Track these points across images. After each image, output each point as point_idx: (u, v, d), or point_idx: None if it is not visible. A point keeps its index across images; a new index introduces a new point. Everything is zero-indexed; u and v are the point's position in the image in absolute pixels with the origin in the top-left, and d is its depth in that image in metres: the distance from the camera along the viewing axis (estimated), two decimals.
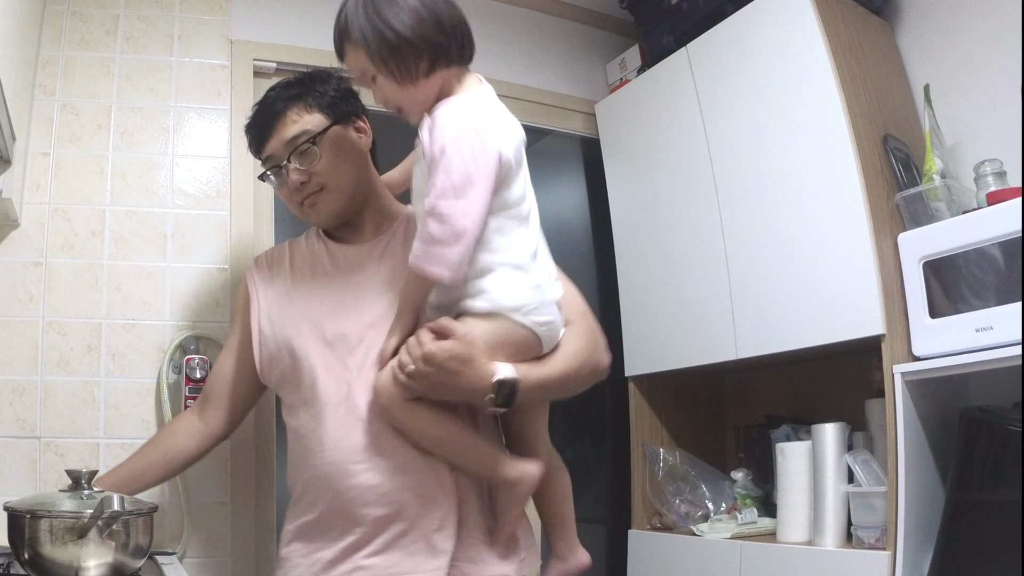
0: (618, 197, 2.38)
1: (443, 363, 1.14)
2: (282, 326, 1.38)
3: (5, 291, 1.76)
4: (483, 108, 1.20)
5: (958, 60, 1.92)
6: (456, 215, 1.12)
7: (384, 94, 1.23)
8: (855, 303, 1.71)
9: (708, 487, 2.15)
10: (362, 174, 1.43)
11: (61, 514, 1.17)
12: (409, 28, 1.16)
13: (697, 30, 2.13)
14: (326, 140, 1.38)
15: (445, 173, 1.13)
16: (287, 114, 1.39)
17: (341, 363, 1.30)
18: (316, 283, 1.41)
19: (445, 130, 1.15)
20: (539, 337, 1.21)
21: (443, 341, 1.15)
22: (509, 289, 1.18)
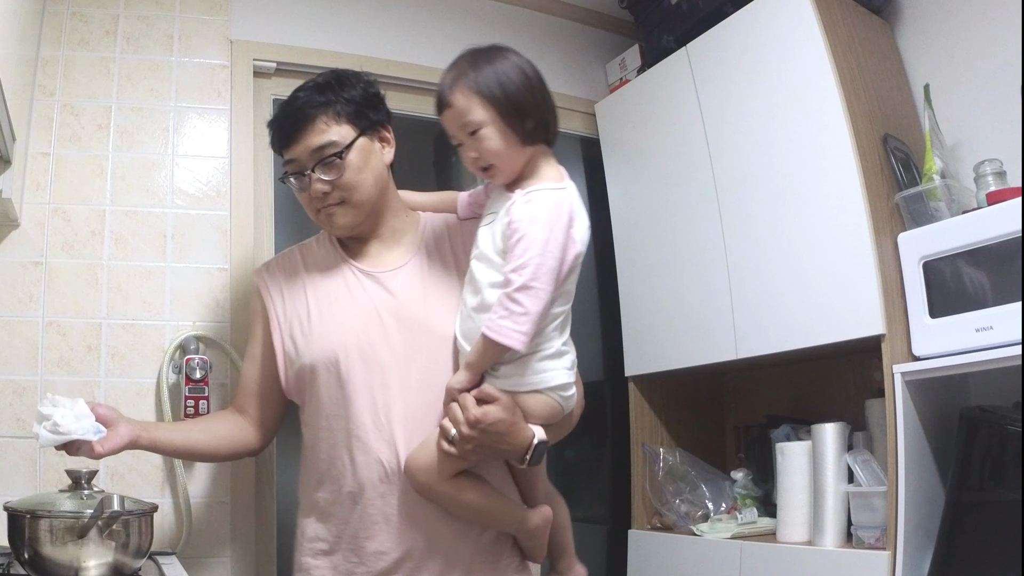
0: (618, 197, 2.38)
1: (488, 427, 1.23)
2: (309, 351, 1.39)
3: (5, 291, 1.76)
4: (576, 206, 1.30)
5: (958, 60, 1.92)
6: (543, 295, 1.22)
7: (484, 146, 1.28)
8: (855, 303, 1.71)
9: (708, 487, 2.15)
10: (383, 188, 1.45)
11: (61, 514, 1.17)
12: (528, 89, 1.29)
13: (697, 30, 2.13)
14: (352, 153, 1.39)
15: (541, 256, 1.21)
16: (316, 121, 1.38)
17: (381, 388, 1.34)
18: (347, 307, 1.41)
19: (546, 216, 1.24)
20: (564, 409, 1.33)
21: (488, 407, 1.23)
22: (551, 372, 1.29)
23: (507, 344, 1.21)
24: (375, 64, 2.21)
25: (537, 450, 1.27)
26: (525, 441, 1.26)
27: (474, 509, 1.31)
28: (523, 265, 1.21)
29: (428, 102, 2.22)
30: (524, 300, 1.20)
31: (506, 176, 1.32)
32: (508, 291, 1.21)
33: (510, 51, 1.32)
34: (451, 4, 2.38)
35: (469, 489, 1.29)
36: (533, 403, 1.28)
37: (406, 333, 1.36)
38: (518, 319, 1.20)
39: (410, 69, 2.24)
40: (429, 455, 1.27)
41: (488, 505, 1.31)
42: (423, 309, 1.39)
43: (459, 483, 1.28)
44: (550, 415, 1.31)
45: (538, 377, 1.28)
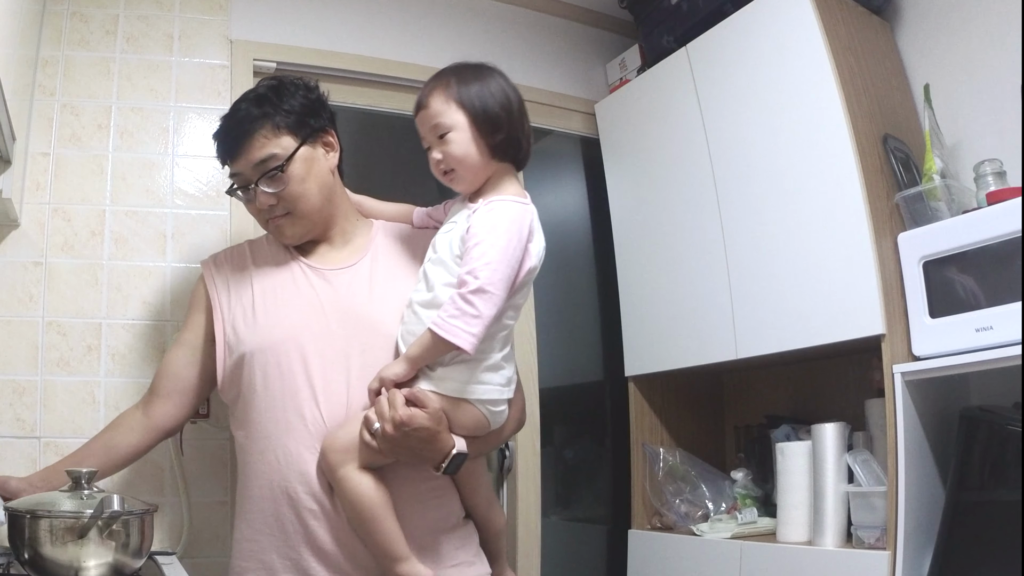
0: (618, 197, 2.38)
1: (411, 432, 1.21)
2: (251, 341, 1.38)
3: (5, 291, 1.76)
4: (535, 223, 1.33)
5: (958, 60, 1.92)
6: (496, 299, 1.22)
7: (449, 149, 1.30)
8: (855, 303, 1.71)
9: (708, 487, 2.15)
10: (328, 195, 1.46)
11: (61, 514, 1.17)
12: (505, 107, 1.32)
13: (697, 30, 2.13)
14: (294, 164, 1.40)
15: (499, 263, 1.23)
16: (256, 135, 1.40)
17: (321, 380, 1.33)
18: (291, 300, 1.41)
19: (506, 225, 1.26)
20: (491, 424, 1.33)
21: (416, 410, 1.22)
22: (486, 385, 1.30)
23: (455, 343, 1.21)
24: (375, 64, 2.22)
25: (454, 461, 1.26)
26: (444, 449, 1.26)
27: (361, 511, 1.25)
28: (479, 269, 1.21)
29: None
30: (478, 303, 1.21)
31: (467, 184, 1.34)
32: (462, 292, 1.21)
33: (497, 72, 1.36)
34: (451, 4, 2.38)
35: (368, 490, 1.25)
36: (461, 412, 1.28)
37: (349, 328, 1.36)
38: (470, 320, 1.21)
39: (410, 69, 2.24)
40: (347, 438, 1.26)
41: (375, 517, 1.25)
42: (368, 307, 1.39)
43: (363, 479, 1.25)
44: (475, 427, 1.31)
45: (472, 387, 1.28)
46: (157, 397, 1.49)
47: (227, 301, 1.45)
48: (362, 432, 1.25)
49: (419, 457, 1.27)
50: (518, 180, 1.38)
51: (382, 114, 2.26)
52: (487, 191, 1.33)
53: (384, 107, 2.25)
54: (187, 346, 1.50)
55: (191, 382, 1.49)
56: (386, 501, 1.26)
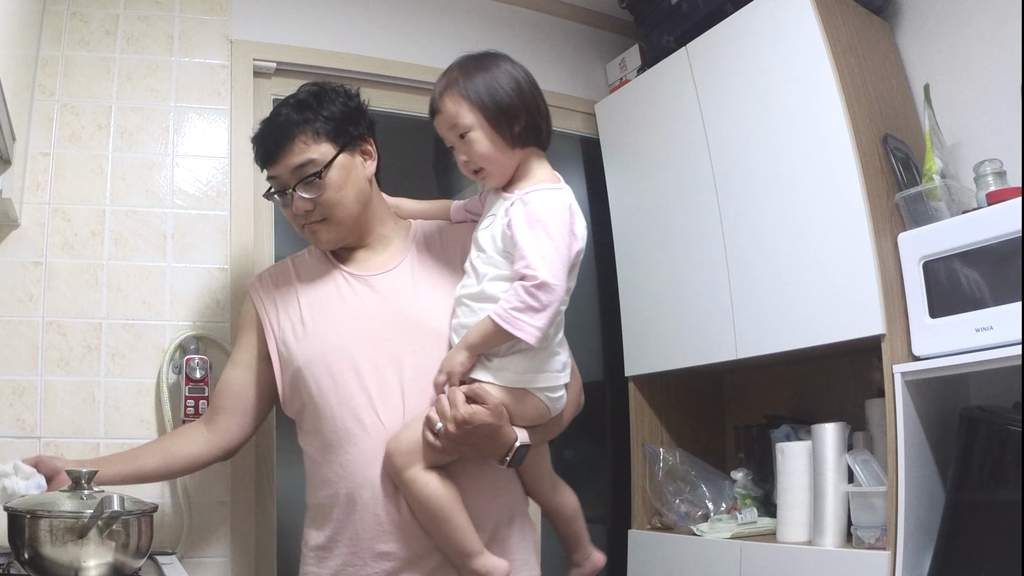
0: (618, 197, 2.38)
1: (474, 428, 1.22)
2: (303, 355, 1.39)
3: (5, 291, 1.76)
4: (574, 204, 1.31)
5: (958, 60, 1.92)
6: (559, 291, 1.22)
7: (473, 149, 1.30)
8: (855, 303, 1.71)
9: (708, 487, 2.15)
10: (365, 202, 1.46)
11: (61, 514, 1.17)
12: (517, 93, 1.30)
13: (697, 30, 2.13)
14: (332, 171, 1.40)
15: (555, 253, 1.23)
16: (295, 140, 1.40)
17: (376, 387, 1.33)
18: (337, 309, 1.42)
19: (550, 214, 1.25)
20: (551, 411, 1.33)
21: (477, 407, 1.23)
22: (543, 373, 1.30)
23: (522, 337, 1.21)
24: (375, 64, 2.22)
25: (518, 453, 1.27)
26: (508, 443, 1.26)
27: (432, 510, 1.26)
28: (536, 261, 1.21)
29: (428, 102, 2.24)
30: (543, 296, 1.21)
31: (497, 178, 1.34)
32: (526, 285, 1.21)
33: (502, 57, 1.35)
34: (451, 4, 2.38)
35: (437, 489, 1.26)
36: (522, 402, 1.28)
37: (397, 331, 1.36)
38: (536, 315, 1.21)
39: (410, 69, 2.24)
40: (410, 439, 1.27)
41: (446, 515, 1.26)
42: (414, 307, 1.39)
43: (430, 478, 1.26)
44: (536, 416, 1.31)
45: (531, 376, 1.28)
46: (219, 415, 1.50)
47: (276, 318, 1.46)
48: (425, 433, 1.25)
49: (483, 452, 1.27)
50: (546, 161, 1.37)
51: (382, 114, 2.25)
52: (519, 179, 1.33)
53: (385, 107, 2.25)
54: (242, 366, 1.50)
55: (250, 401, 1.49)
56: (455, 498, 1.26)
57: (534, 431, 1.31)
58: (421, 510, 1.27)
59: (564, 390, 1.35)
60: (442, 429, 1.23)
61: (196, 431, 1.51)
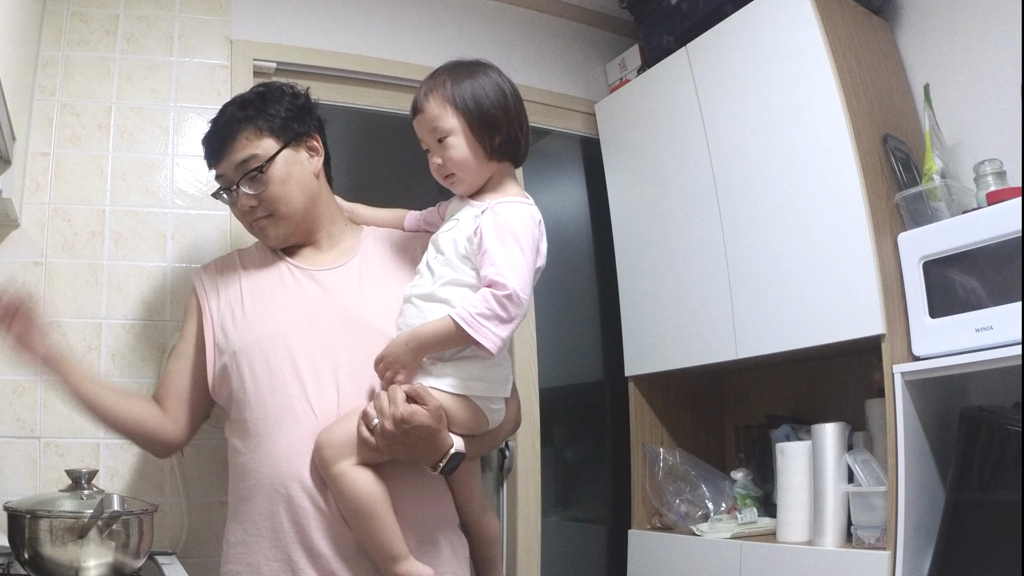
0: (618, 197, 2.38)
1: (411, 429, 1.20)
2: (239, 339, 1.38)
3: None
4: (541, 223, 1.32)
5: (958, 60, 1.92)
6: (525, 304, 1.22)
7: (450, 154, 1.30)
8: (855, 303, 1.71)
9: (708, 487, 2.15)
10: (311, 198, 1.47)
11: (61, 514, 1.18)
12: (502, 105, 1.31)
13: (697, 30, 2.13)
14: (275, 166, 1.41)
15: (524, 267, 1.23)
16: (239, 137, 1.41)
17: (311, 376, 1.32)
18: (278, 298, 1.42)
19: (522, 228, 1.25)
20: (489, 423, 1.32)
21: (416, 407, 1.21)
22: (487, 382, 1.29)
23: (483, 344, 1.20)
24: (375, 64, 2.22)
25: (452, 460, 1.25)
26: (443, 448, 1.24)
27: (358, 508, 1.22)
28: (508, 272, 1.20)
29: None
30: (511, 307, 1.20)
31: (467, 187, 1.33)
32: (497, 294, 1.20)
33: (492, 68, 1.35)
34: (451, 4, 2.38)
35: (366, 487, 1.23)
36: (461, 409, 1.27)
37: (338, 326, 1.36)
38: (501, 325, 1.20)
39: (409, 69, 2.24)
40: (343, 433, 1.24)
41: (373, 514, 1.22)
42: (358, 304, 1.39)
43: (360, 475, 1.23)
44: (474, 425, 1.30)
45: (473, 383, 1.27)
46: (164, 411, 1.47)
47: (216, 305, 1.45)
48: (360, 428, 1.23)
49: (417, 455, 1.25)
50: (516, 179, 1.38)
51: (382, 114, 2.26)
52: (488, 191, 1.33)
53: (384, 107, 2.25)
54: (182, 356, 1.49)
55: (187, 391, 1.47)
56: (385, 498, 1.23)
57: (470, 443, 1.29)
58: (348, 507, 1.24)
59: (504, 403, 1.34)
60: (378, 425, 1.21)
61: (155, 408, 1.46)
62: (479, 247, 1.24)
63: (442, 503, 1.37)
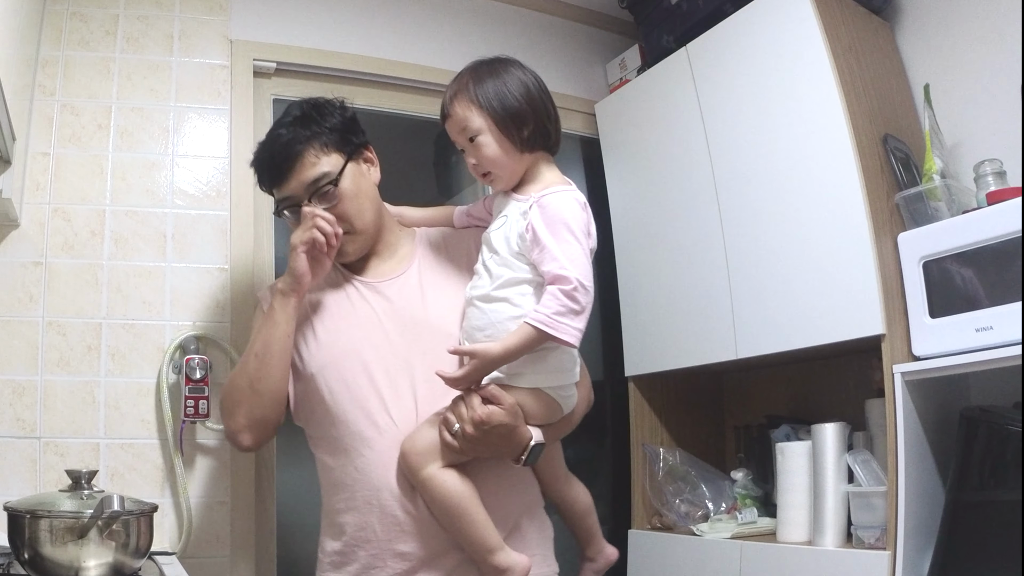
0: (618, 197, 2.38)
1: (491, 429, 1.24)
2: (315, 361, 1.39)
3: (5, 291, 1.76)
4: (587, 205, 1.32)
5: (958, 60, 1.92)
6: (592, 292, 1.24)
7: (482, 153, 1.32)
8: (855, 303, 1.71)
9: (708, 487, 2.15)
10: (378, 208, 1.48)
11: (61, 514, 1.17)
12: (526, 99, 1.32)
13: (697, 30, 2.13)
14: (344, 180, 1.41)
15: (584, 256, 1.25)
16: (305, 156, 1.40)
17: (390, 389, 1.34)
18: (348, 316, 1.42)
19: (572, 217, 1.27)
20: (563, 409, 1.35)
21: (493, 408, 1.24)
22: (557, 372, 1.31)
23: (565, 340, 1.22)
24: (375, 64, 2.22)
25: (533, 452, 1.29)
26: (523, 442, 1.28)
27: (450, 508, 1.27)
28: (569, 264, 1.22)
29: (428, 102, 2.24)
30: (581, 299, 1.22)
31: (505, 181, 1.35)
32: (565, 289, 1.21)
33: (513, 63, 1.37)
34: (451, 4, 2.38)
35: (455, 487, 1.27)
36: (535, 402, 1.30)
37: (408, 335, 1.38)
38: (577, 317, 1.23)
39: (410, 69, 2.24)
40: (426, 439, 1.28)
41: (465, 512, 1.27)
42: (423, 311, 1.40)
43: (448, 476, 1.27)
44: (549, 415, 1.33)
45: (544, 376, 1.30)
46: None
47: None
48: (442, 433, 1.27)
49: (499, 452, 1.29)
50: (555, 165, 1.39)
51: (382, 114, 2.26)
52: (528, 182, 1.35)
53: (384, 107, 2.25)
54: None
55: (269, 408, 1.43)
56: (473, 494, 1.27)
57: (547, 429, 1.33)
58: (439, 508, 1.28)
59: (575, 388, 1.37)
60: (459, 430, 1.25)
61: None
62: (533, 243, 1.26)
63: (526, 489, 1.41)
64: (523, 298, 1.27)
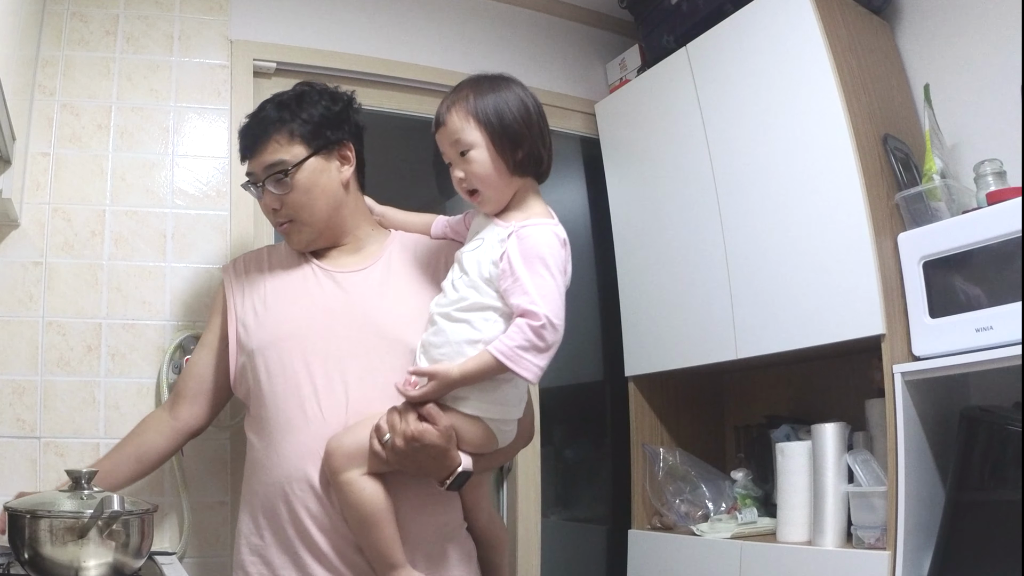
0: (618, 197, 2.38)
1: (422, 447, 1.21)
2: (258, 337, 1.41)
3: (5, 291, 1.76)
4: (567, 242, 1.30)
5: (958, 60, 1.92)
6: (560, 331, 1.22)
7: (472, 169, 1.28)
8: (855, 303, 1.71)
9: (708, 487, 2.15)
10: (335, 206, 1.47)
11: (61, 514, 1.17)
12: (525, 120, 1.29)
13: (697, 30, 2.13)
14: (301, 173, 1.43)
15: (557, 294, 1.23)
16: (270, 139, 1.43)
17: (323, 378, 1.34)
18: (299, 299, 1.43)
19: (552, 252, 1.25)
20: (498, 442, 1.32)
21: (427, 427, 1.22)
22: (501, 405, 1.29)
23: (523, 375, 1.20)
24: (375, 64, 2.22)
25: (458, 478, 1.26)
26: (451, 466, 1.26)
27: (363, 516, 1.25)
28: (539, 300, 1.20)
29: (428, 102, 2.24)
30: (548, 337, 1.21)
31: (492, 205, 1.32)
32: (533, 325, 1.19)
33: (515, 82, 1.34)
34: (451, 4, 2.37)
35: (372, 496, 1.25)
36: (472, 429, 1.27)
37: (354, 329, 1.37)
38: (540, 355, 1.21)
39: (410, 69, 2.24)
40: (353, 442, 1.26)
41: (377, 523, 1.25)
42: (377, 311, 1.40)
43: (367, 484, 1.25)
44: (482, 444, 1.30)
45: (489, 406, 1.27)
46: (182, 399, 1.54)
47: (240, 301, 1.48)
48: (372, 441, 1.25)
49: (425, 471, 1.27)
50: (540, 195, 1.36)
51: (382, 114, 2.26)
52: (513, 208, 1.32)
53: (384, 107, 2.25)
54: (207, 347, 1.54)
55: (211, 383, 1.53)
56: (389, 508, 1.26)
57: (479, 459, 1.30)
58: (353, 514, 1.26)
59: (515, 424, 1.34)
60: (390, 441, 1.23)
61: (161, 422, 1.54)
62: (507, 273, 1.23)
63: (448, 510, 1.38)
64: (485, 323, 1.24)
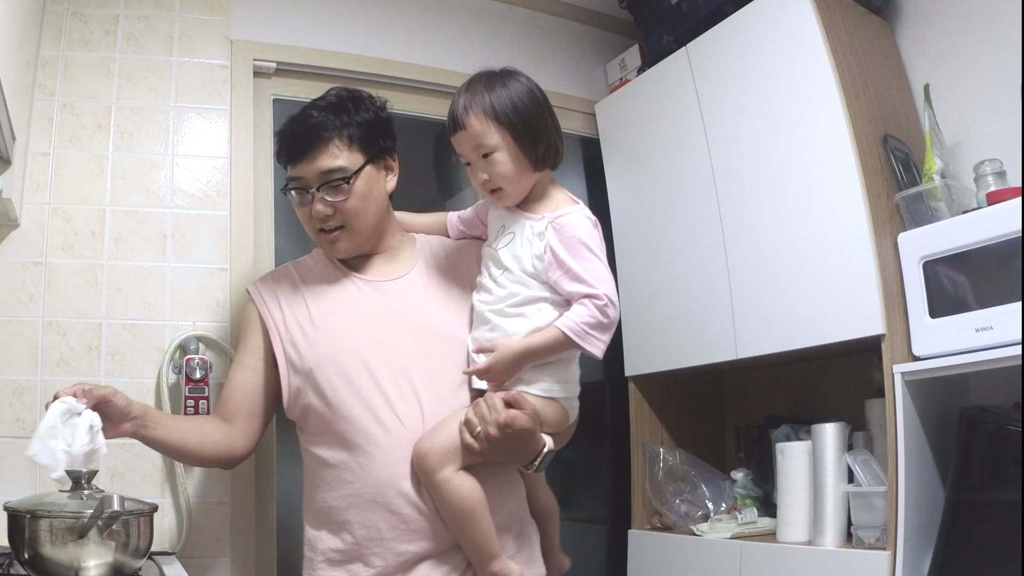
0: (618, 197, 2.38)
1: (513, 433, 1.26)
2: (314, 355, 1.38)
3: (5, 291, 1.76)
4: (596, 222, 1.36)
5: (958, 60, 1.92)
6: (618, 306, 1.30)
7: (496, 170, 1.31)
8: (855, 303, 1.71)
9: (708, 487, 2.15)
10: (383, 214, 1.47)
11: (61, 514, 1.17)
12: (540, 115, 1.33)
13: (697, 30, 2.13)
14: (359, 180, 1.40)
15: (607, 272, 1.31)
16: (328, 144, 1.39)
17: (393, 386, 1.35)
18: (349, 312, 1.42)
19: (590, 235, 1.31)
20: (570, 418, 1.40)
21: (517, 412, 1.26)
22: (571, 383, 1.37)
23: (591, 351, 1.27)
24: (375, 64, 2.22)
25: (545, 458, 1.31)
26: (538, 448, 1.30)
27: (462, 512, 1.28)
28: (597, 283, 1.27)
29: (428, 102, 2.24)
30: (611, 314, 1.28)
31: (514, 199, 1.36)
32: (598, 304, 1.26)
33: (520, 74, 1.36)
34: (451, 4, 2.37)
35: (471, 491, 1.28)
36: (550, 410, 1.33)
37: (409, 335, 1.38)
38: (605, 332, 1.28)
39: (410, 69, 2.24)
40: (445, 440, 1.28)
41: (475, 517, 1.28)
42: (425, 313, 1.41)
43: (464, 480, 1.28)
44: (559, 423, 1.36)
45: (560, 386, 1.33)
46: (236, 416, 1.44)
47: (281, 320, 1.44)
48: (463, 434, 1.27)
49: (516, 456, 1.31)
50: (556, 182, 1.41)
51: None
52: (535, 199, 1.36)
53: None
54: (250, 369, 1.46)
55: (260, 404, 1.46)
56: (484, 500, 1.29)
57: (555, 437, 1.36)
58: (451, 510, 1.28)
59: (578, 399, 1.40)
60: (482, 432, 1.26)
61: (221, 425, 1.44)
62: (553, 265, 1.29)
63: (519, 494, 1.43)
64: (539, 314, 1.31)
